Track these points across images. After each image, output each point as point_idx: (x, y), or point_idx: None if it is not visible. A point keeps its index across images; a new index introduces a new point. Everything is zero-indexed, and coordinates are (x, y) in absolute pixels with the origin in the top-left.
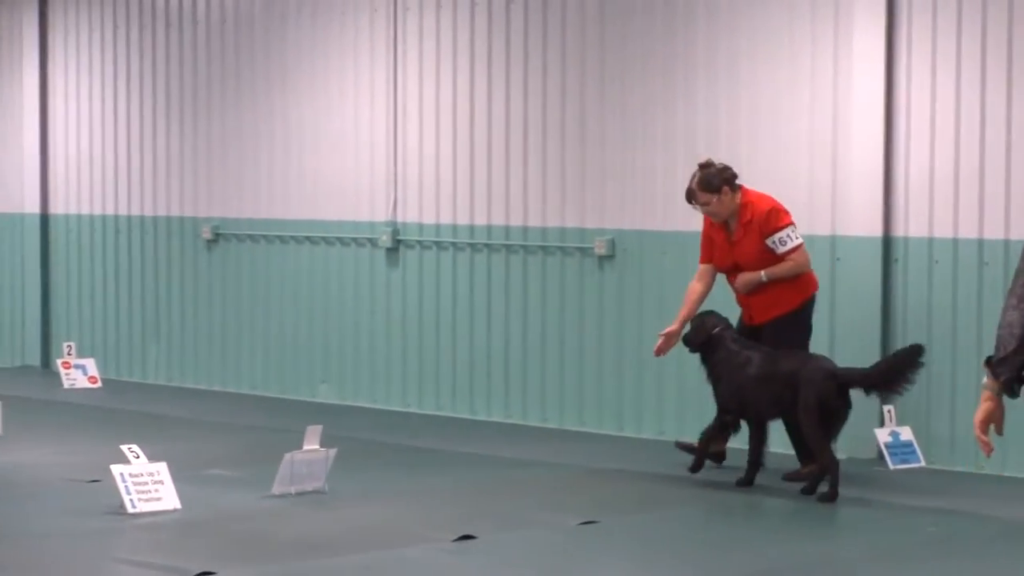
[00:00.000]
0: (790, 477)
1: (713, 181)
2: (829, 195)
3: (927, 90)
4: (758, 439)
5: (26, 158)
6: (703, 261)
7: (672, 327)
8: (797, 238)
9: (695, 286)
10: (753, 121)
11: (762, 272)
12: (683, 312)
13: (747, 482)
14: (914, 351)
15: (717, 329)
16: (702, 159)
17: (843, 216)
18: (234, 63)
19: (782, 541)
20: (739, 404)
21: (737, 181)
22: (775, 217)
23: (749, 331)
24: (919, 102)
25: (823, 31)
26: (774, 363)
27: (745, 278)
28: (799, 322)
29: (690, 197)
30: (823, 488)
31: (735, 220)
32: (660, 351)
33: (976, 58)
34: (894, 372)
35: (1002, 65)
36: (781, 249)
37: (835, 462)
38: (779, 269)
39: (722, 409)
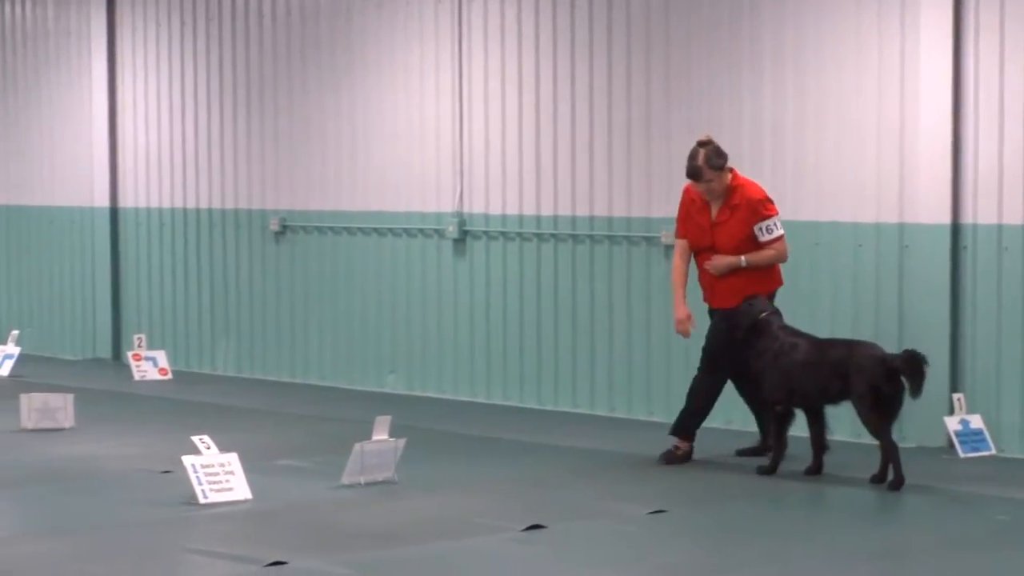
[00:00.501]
0: (744, 452)
1: (718, 159)
2: (897, 183)
3: (995, 76)
4: (817, 425)
5: (96, 152)
6: (680, 236)
7: (682, 311)
8: (781, 228)
9: (682, 265)
10: (820, 110)
11: (742, 257)
12: (681, 292)
13: (815, 470)
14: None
15: (765, 314)
16: (702, 136)
17: (911, 204)
18: (300, 56)
19: (850, 530)
20: (786, 392)
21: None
22: (765, 205)
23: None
24: (987, 88)
25: (890, 19)
26: (822, 350)
27: (723, 260)
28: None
29: (697, 174)
30: (890, 475)
31: (720, 201)
32: (688, 334)
33: None
34: (909, 365)
35: None
36: (766, 237)
37: (895, 447)
38: (760, 256)
39: (771, 401)
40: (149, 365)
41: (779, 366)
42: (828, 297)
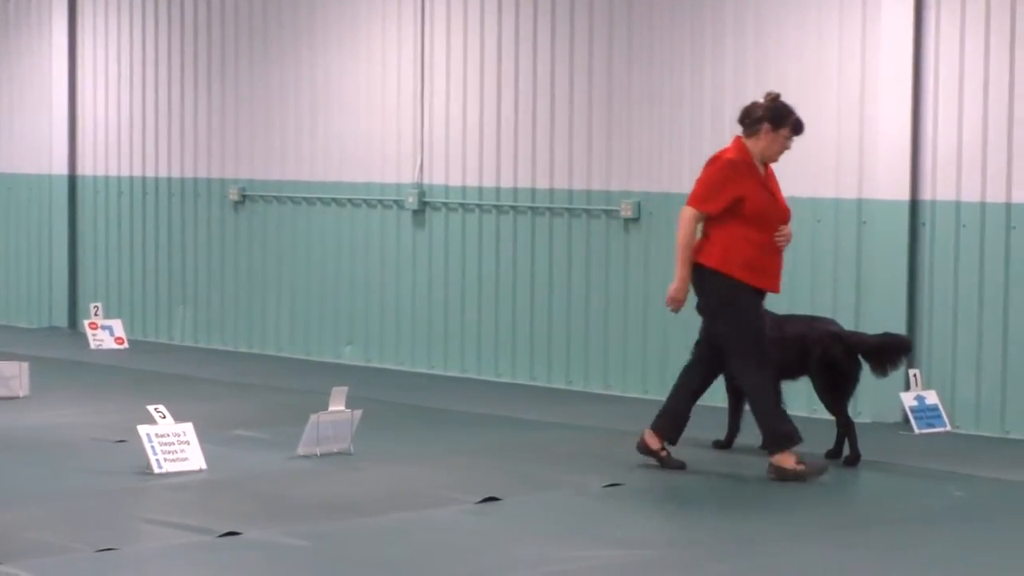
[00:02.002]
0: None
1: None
2: (857, 158)
3: (955, 53)
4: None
5: (54, 120)
6: (711, 209)
7: (686, 288)
8: None
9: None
10: (781, 84)
11: None
12: (689, 267)
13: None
14: (906, 344)
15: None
16: (773, 92)
17: (870, 180)
18: (261, 26)
19: (807, 504)
20: None
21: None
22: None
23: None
24: (947, 66)
25: None
26: (780, 326)
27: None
28: None
29: (801, 129)
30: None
31: (763, 167)
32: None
33: (1005, 21)
34: (890, 349)
35: None
36: None
37: (851, 423)
38: None
39: (728, 375)
40: (105, 334)
41: None
42: (786, 272)
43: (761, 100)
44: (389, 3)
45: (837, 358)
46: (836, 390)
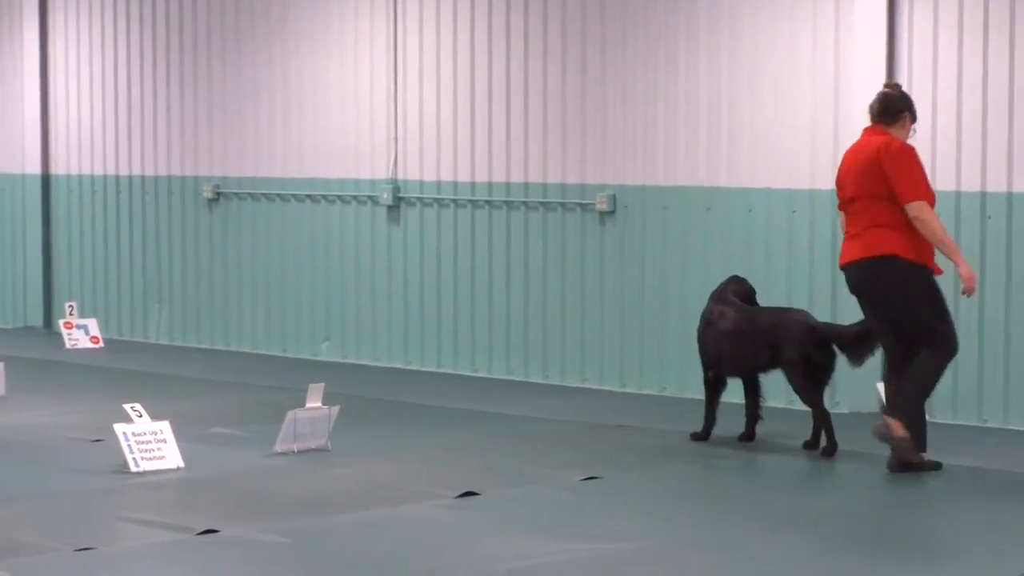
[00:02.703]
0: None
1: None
2: (831, 149)
3: (929, 45)
4: (751, 393)
5: (27, 119)
6: (926, 199)
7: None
8: None
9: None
10: (755, 78)
11: None
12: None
13: (748, 436)
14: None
15: (718, 288)
16: (895, 81)
17: None
18: (234, 23)
19: (784, 495)
20: (716, 360)
21: (876, 117)
22: None
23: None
24: (921, 58)
25: None
26: (751, 319)
27: None
28: None
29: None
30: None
31: None
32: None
33: (978, 12)
34: (865, 339)
35: (1004, 20)
36: None
37: (827, 414)
38: None
39: (704, 366)
40: (81, 333)
41: (707, 334)
42: (762, 263)
43: (888, 90)
44: None
45: (809, 350)
46: (810, 382)
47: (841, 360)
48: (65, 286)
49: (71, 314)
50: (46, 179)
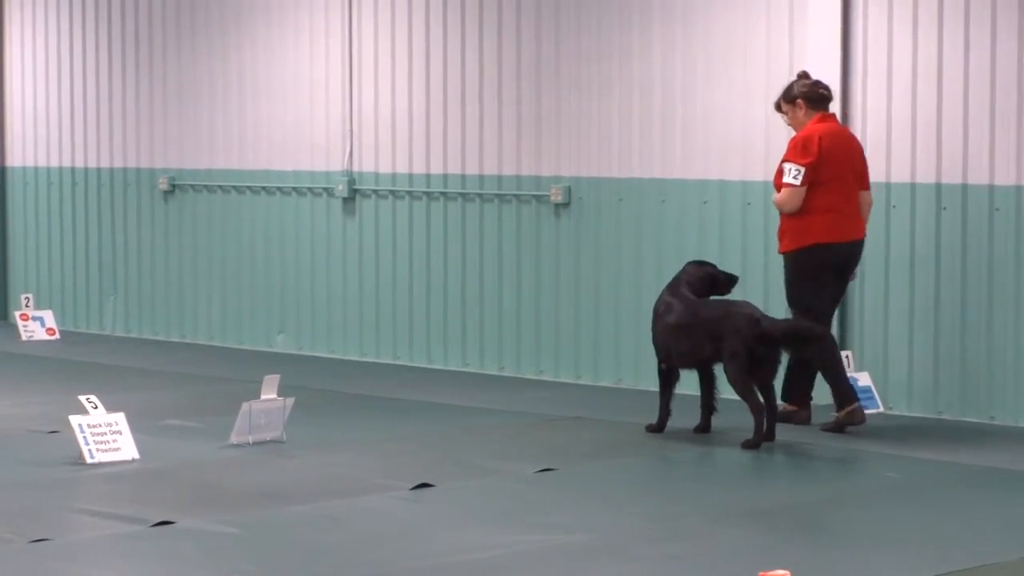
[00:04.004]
0: (826, 428)
1: (790, 91)
2: (786, 141)
3: (883, 35)
4: (706, 384)
5: None
6: None
7: None
8: (792, 176)
9: None
10: (709, 69)
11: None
12: None
13: (703, 428)
14: (816, 333)
15: (672, 279)
16: (800, 71)
17: None
18: (188, 14)
19: (739, 487)
20: (665, 352)
21: (829, 107)
22: (790, 147)
23: None
24: (875, 48)
25: None
26: (696, 311)
27: None
28: (791, 267)
29: (776, 107)
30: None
31: None
32: None
33: (932, 2)
34: (799, 337)
35: (959, 10)
36: (782, 179)
37: (762, 408)
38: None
39: (657, 358)
40: (36, 325)
41: (657, 326)
42: (716, 255)
43: (816, 79)
44: None
45: (752, 343)
46: (748, 375)
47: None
48: (21, 278)
49: (27, 306)
50: (1, 171)
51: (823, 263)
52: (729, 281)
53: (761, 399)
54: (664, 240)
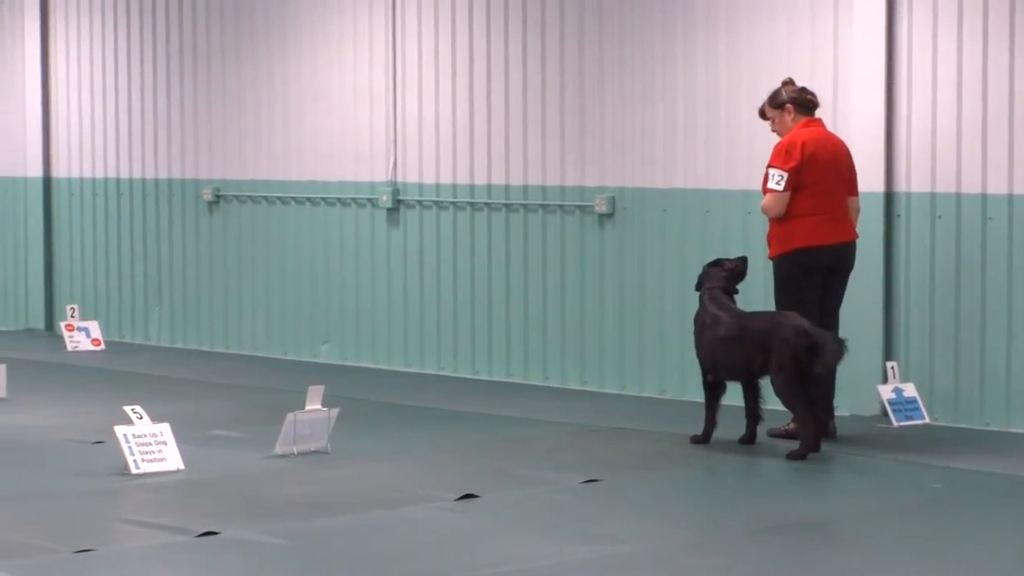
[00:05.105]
0: (774, 433)
1: (777, 97)
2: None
3: (928, 44)
4: (751, 395)
5: (29, 121)
6: None
7: None
8: (775, 182)
9: None
10: (753, 78)
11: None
12: None
13: (748, 439)
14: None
15: (702, 289)
16: (785, 77)
17: None
18: (233, 26)
19: (784, 498)
20: (712, 365)
21: (816, 113)
22: (774, 153)
23: None
24: (920, 56)
25: None
26: (744, 324)
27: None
28: (778, 272)
29: (761, 113)
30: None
31: None
32: None
33: (978, 11)
34: (827, 349)
35: (1004, 18)
36: (766, 184)
37: (808, 421)
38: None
39: (703, 370)
40: (82, 335)
41: (702, 338)
42: (761, 266)
43: (803, 86)
44: (361, 1)
45: (800, 354)
46: (797, 386)
47: (843, 363)
48: (67, 288)
49: (72, 316)
50: (47, 182)
51: (808, 267)
52: (743, 265)
53: (808, 411)
54: (708, 251)
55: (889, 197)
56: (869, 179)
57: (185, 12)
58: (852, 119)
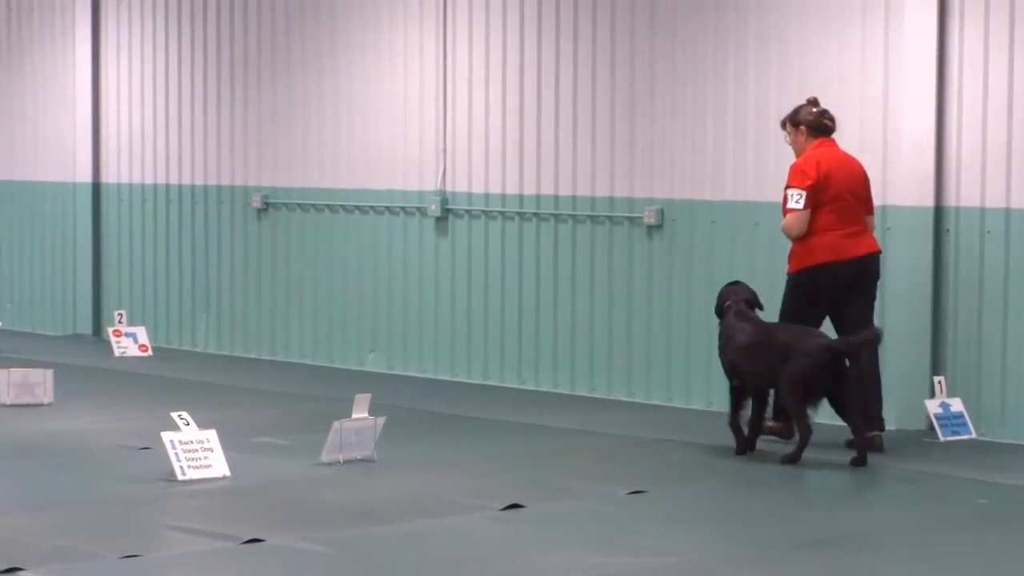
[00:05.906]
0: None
1: (797, 115)
2: (880, 165)
3: (979, 58)
4: (758, 406)
5: (78, 128)
6: None
7: None
8: (795, 201)
9: None
10: (803, 91)
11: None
12: None
13: (744, 449)
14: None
15: (728, 303)
16: (811, 96)
17: (894, 186)
18: (283, 34)
19: (829, 512)
20: (734, 371)
21: (831, 133)
22: (791, 174)
23: None
24: (971, 71)
25: (874, 1)
26: (768, 333)
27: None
28: (790, 286)
29: (782, 124)
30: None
31: None
32: None
33: None
34: (866, 341)
35: None
36: (786, 205)
37: (809, 433)
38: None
39: (728, 376)
40: (129, 341)
41: (727, 348)
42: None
43: (821, 106)
44: (411, 10)
45: (819, 368)
46: (805, 399)
47: (890, 377)
48: (114, 294)
49: (120, 322)
50: (97, 188)
51: (823, 284)
52: (756, 299)
53: (811, 424)
54: (757, 263)
55: (938, 211)
56: (919, 193)
57: (236, 20)
58: (902, 134)
